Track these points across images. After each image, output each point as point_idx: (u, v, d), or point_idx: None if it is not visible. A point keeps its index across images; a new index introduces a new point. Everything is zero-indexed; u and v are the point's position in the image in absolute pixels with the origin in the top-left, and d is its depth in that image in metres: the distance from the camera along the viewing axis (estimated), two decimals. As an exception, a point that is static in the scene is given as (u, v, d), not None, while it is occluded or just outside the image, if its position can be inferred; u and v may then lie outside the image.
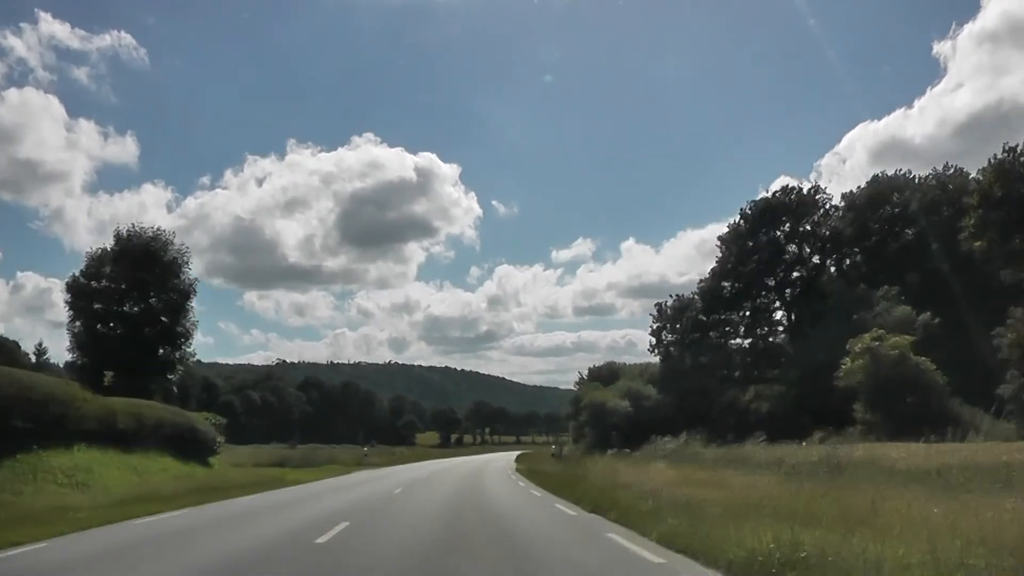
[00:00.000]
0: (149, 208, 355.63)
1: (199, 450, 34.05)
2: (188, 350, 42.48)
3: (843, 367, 37.35)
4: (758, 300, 52.90)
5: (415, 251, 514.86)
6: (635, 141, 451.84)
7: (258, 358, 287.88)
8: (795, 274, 51.94)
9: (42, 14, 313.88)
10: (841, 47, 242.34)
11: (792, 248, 51.51)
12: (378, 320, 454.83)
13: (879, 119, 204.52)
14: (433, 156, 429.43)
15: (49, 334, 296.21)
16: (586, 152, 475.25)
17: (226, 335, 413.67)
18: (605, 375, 73.64)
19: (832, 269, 51.23)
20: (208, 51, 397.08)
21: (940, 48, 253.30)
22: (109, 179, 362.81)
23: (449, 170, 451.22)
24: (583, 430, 63.37)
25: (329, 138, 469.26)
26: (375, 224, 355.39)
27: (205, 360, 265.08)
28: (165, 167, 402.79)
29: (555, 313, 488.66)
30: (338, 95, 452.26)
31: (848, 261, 50.90)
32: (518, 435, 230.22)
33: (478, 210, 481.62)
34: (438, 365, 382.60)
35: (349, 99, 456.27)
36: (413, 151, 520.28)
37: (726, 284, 52.63)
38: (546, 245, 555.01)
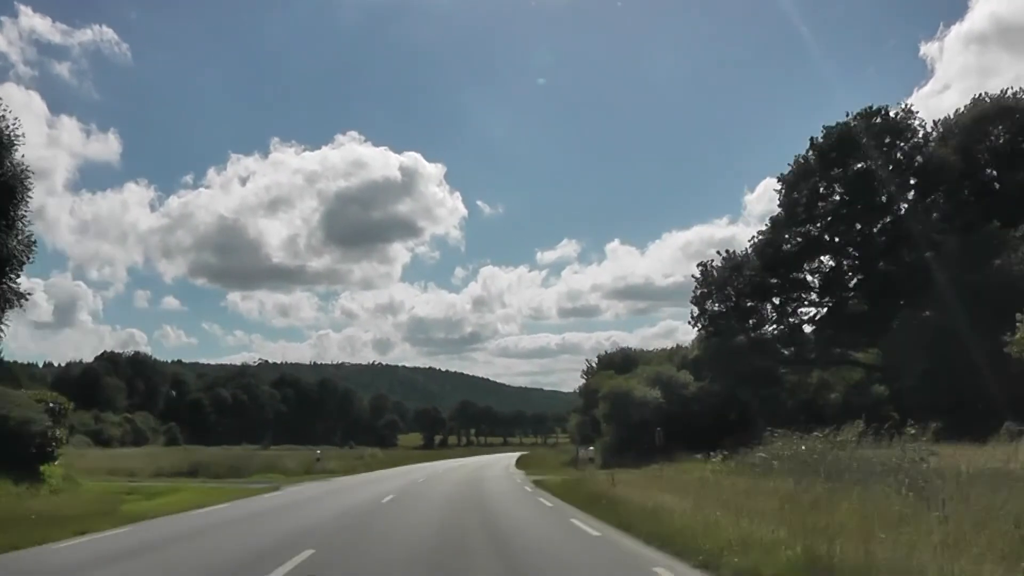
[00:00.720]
0: (132, 207, 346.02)
1: (19, 455, 20.75)
2: (15, 283, 22.23)
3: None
4: (835, 255, 40.06)
5: (400, 251, 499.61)
6: (621, 142, 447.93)
7: (241, 359, 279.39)
8: (885, 220, 39.11)
9: (22, 7, 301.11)
10: (828, 48, 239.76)
11: (883, 186, 38.35)
12: (362, 321, 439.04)
13: None
14: (418, 156, 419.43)
15: (31, 334, 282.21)
16: (571, 153, 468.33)
17: (209, 336, 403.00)
18: (619, 362, 60.65)
19: (933, 214, 38.28)
20: (191, 47, 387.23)
21: (927, 49, 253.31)
22: (91, 177, 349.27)
23: (434, 170, 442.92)
24: (598, 427, 50.25)
25: (313, 136, 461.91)
26: (359, 224, 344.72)
27: (187, 360, 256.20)
28: (148, 165, 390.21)
29: (540, 315, 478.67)
30: (321, 93, 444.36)
31: (952, 200, 38.05)
32: (505, 436, 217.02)
33: (463, 210, 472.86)
34: (422, 366, 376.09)
35: (332, 97, 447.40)
36: (397, 150, 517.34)
37: (793, 234, 39.72)
38: (531, 246, 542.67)
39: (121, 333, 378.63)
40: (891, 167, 39.09)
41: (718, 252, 43.51)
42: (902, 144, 39.41)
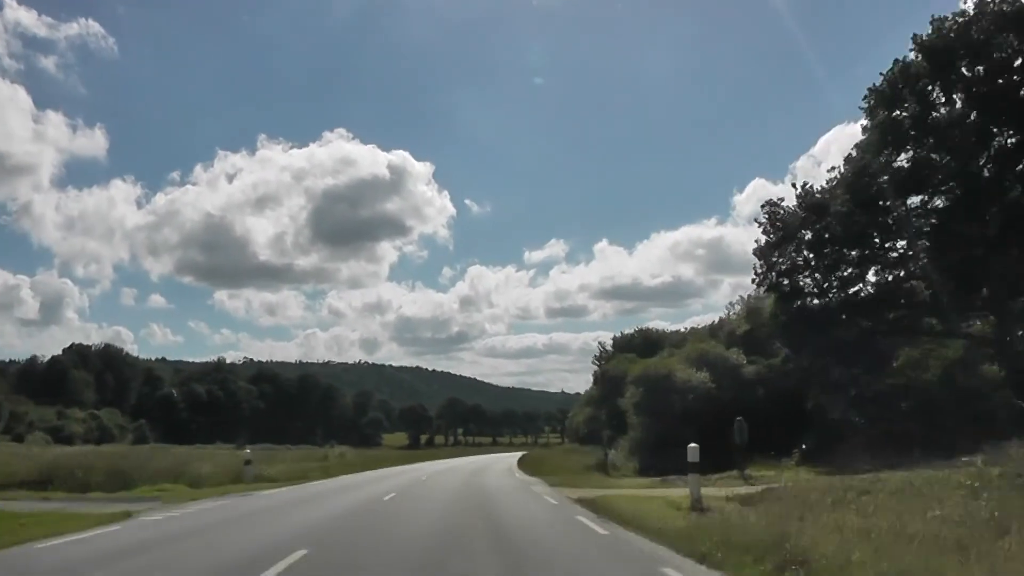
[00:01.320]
0: (118, 203, 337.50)
1: None
2: None
3: None
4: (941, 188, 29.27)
5: (387, 250, 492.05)
6: (610, 142, 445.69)
7: (228, 358, 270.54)
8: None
9: (7, 0, 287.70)
10: (817, 49, 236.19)
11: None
12: (350, 321, 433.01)
13: (855, 121, 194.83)
14: (406, 154, 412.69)
15: (17, 331, 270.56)
16: (560, 152, 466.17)
17: (196, 334, 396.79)
18: (639, 344, 49.93)
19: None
20: (178, 41, 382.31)
21: None
22: (78, 173, 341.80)
23: (422, 168, 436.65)
24: (619, 422, 39.41)
25: (300, 133, 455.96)
26: (347, 222, 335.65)
27: (171, 359, 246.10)
28: (135, 161, 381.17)
29: (527, 315, 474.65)
30: (309, 89, 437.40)
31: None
32: (494, 435, 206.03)
33: (451, 209, 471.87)
34: (409, 365, 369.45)
35: (321, 94, 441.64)
36: (386, 148, 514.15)
37: (887, 163, 28.95)
38: (519, 246, 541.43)
39: (107, 331, 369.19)
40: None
41: (793, 185, 32.55)
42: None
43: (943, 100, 29.49)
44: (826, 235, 29.45)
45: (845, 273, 29.88)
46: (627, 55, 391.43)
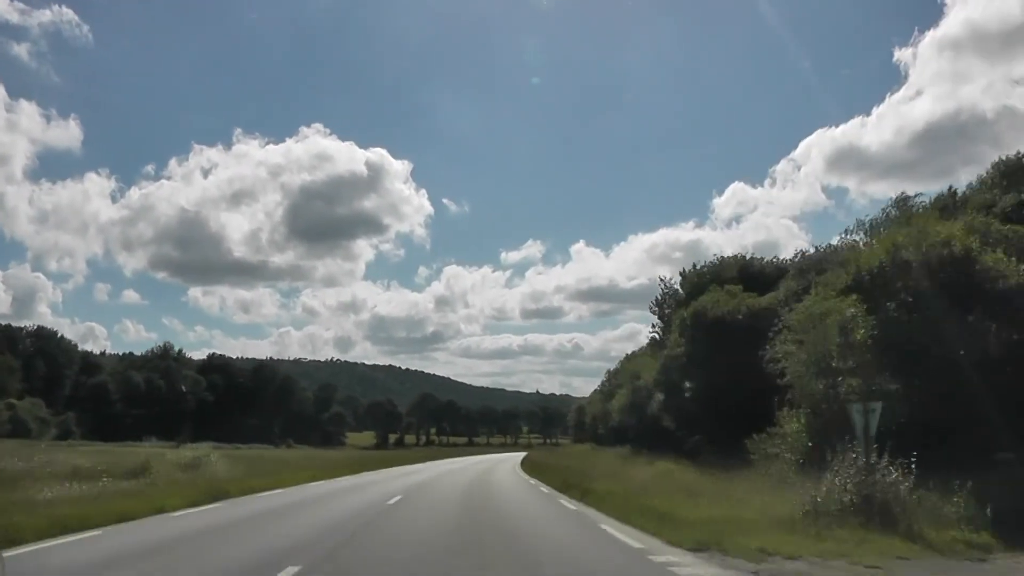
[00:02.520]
0: (92, 197, 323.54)
1: None
2: None
3: None
4: None
5: (364, 248, 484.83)
6: (588, 143, 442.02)
7: (200, 356, 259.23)
8: None
9: None
10: (799, 54, 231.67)
11: None
12: (324, 319, 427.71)
13: (837, 126, 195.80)
14: (383, 151, 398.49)
15: None
16: (539, 153, 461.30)
17: (170, 331, 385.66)
18: (729, 271, 32.01)
19: None
20: (154, 31, 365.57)
21: (901, 55, 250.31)
22: (51, 165, 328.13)
23: (400, 166, 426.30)
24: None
25: (276, 128, 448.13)
26: (323, 219, 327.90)
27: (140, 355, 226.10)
28: (109, 153, 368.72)
29: (502, 315, 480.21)
30: (286, 83, 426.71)
31: None
32: (470, 435, 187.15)
33: (429, 208, 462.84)
34: (382, 364, 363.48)
35: (298, 87, 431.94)
36: (363, 145, 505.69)
37: None
38: (496, 246, 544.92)
39: (80, 327, 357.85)
40: None
41: None
42: None
43: None
44: None
45: None
46: (607, 57, 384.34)
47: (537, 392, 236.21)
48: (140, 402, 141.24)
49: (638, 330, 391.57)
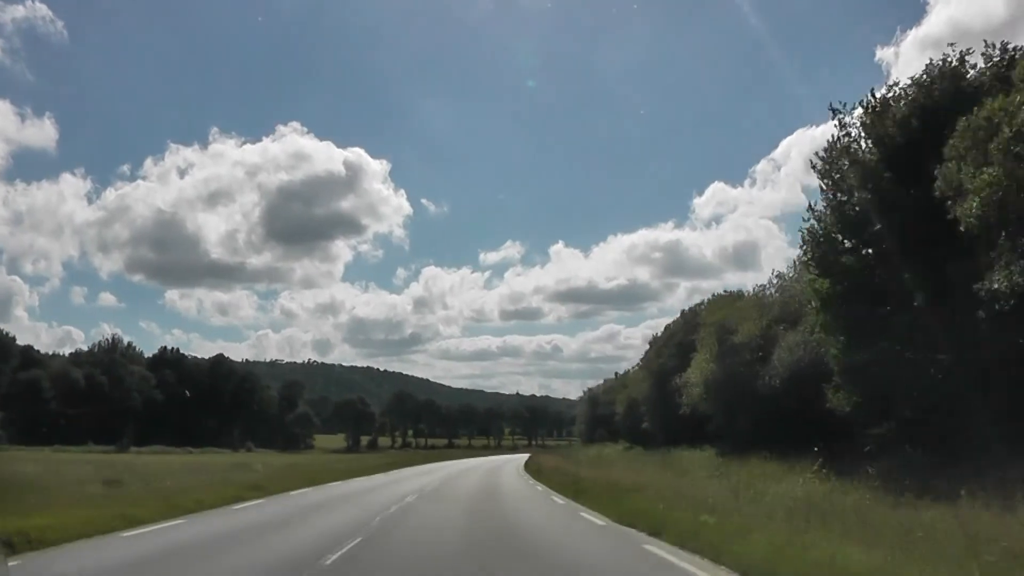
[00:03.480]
0: (68, 199, 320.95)
1: None
2: None
3: None
4: None
5: (342, 249, 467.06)
6: (568, 144, 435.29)
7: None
8: None
9: None
10: (780, 53, 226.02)
11: None
12: (302, 321, 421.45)
13: (817, 126, 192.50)
14: (361, 151, 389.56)
15: None
16: (518, 153, 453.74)
17: (147, 335, 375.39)
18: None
19: None
20: (130, 28, 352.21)
21: (883, 54, 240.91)
22: (26, 165, 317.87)
23: (378, 166, 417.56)
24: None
25: (253, 127, 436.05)
26: (301, 220, 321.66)
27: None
28: (85, 152, 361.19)
29: (481, 316, 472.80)
30: (263, 80, 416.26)
31: None
32: (450, 437, 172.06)
33: (408, 208, 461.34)
34: (360, 365, 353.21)
35: (274, 85, 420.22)
36: (340, 144, 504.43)
37: None
38: (474, 247, 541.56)
39: (57, 330, 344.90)
40: None
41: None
42: None
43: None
44: None
45: None
46: (588, 57, 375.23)
47: (517, 394, 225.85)
48: (79, 401, 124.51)
49: (617, 331, 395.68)
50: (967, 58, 19.24)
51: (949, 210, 15.86)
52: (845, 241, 20.14)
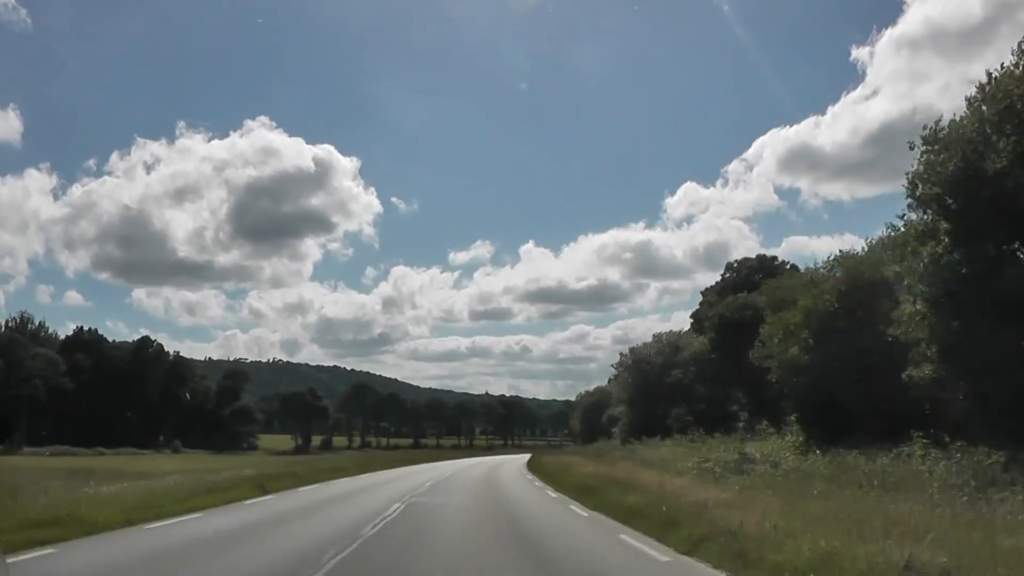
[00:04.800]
0: (33, 194, 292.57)
1: None
2: None
3: None
4: None
5: (311, 248, 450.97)
6: (539, 143, 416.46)
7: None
8: None
9: None
10: (756, 50, 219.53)
11: None
12: (270, 321, 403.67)
13: (791, 125, 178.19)
14: (331, 148, 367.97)
15: None
16: (488, 152, 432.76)
17: (114, 334, 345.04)
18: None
19: None
20: (95, 17, 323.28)
21: (859, 53, 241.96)
22: None
23: (348, 163, 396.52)
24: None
25: (221, 121, 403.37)
26: (270, 217, 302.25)
27: None
28: (50, 146, 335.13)
29: (450, 317, 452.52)
30: (230, 73, 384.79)
31: None
32: (416, 437, 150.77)
33: (378, 206, 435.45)
34: (327, 364, 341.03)
35: (242, 78, 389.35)
36: (309, 140, 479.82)
37: None
38: (444, 246, 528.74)
39: None
40: None
41: None
42: None
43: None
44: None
45: None
46: (557, 54, 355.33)
47: (487, 393, 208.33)
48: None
49: (586, 331, 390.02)
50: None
51: None
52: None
